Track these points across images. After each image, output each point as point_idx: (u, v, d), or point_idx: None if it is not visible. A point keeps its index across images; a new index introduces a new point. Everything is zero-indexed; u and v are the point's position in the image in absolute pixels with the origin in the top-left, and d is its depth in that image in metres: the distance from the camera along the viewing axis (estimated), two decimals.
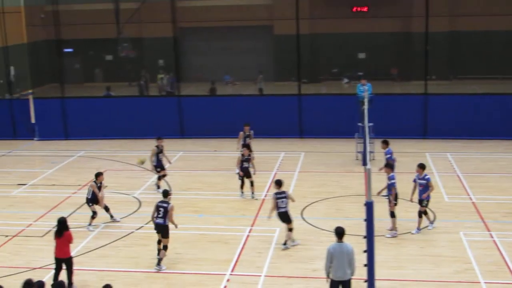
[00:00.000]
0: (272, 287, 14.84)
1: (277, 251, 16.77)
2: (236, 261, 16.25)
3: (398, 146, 27.08)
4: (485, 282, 14.77)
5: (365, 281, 13.70)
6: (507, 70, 40.22)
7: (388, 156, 20.70)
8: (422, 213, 17.74)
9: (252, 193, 21.17)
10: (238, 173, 21.18)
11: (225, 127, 29.53)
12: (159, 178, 22.05)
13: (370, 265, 13.53)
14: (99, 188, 18.63)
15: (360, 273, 14.67)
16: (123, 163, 26.10)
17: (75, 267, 14.78)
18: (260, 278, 15.29)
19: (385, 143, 21.11)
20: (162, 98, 34.64)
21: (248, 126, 24.46)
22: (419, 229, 17.77)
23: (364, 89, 25.32)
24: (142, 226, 18.73)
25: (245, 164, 21.18)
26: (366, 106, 22.08)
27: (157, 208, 15.77)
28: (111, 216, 19.11)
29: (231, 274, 15.52)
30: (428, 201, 17.76)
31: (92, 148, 28.76)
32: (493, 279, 14.92)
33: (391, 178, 17.55)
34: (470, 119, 28.52)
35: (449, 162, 25.05)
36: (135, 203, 20.93)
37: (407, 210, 19.26)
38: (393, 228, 17.58)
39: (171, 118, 30.21)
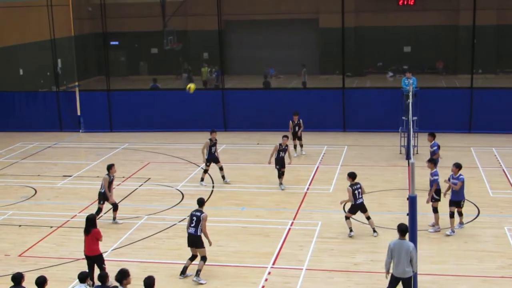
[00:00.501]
0: (313, 281, 14.82)
1: (319, 245, 16.74)
2: (278, 254, 16.27)
3: (443, 140, 26.66)
4: None
5: None
6: None
7: (435, 148, 20.46)
8: (453, 214, 17.17)
9: (280, 183, 21.33)
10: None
11: (269, 121, 29.60)
12: (205, 172, 22.07)
13: None
14: (112, 182, 18.36)
15: None
16: (167, 156, 26.34)
17: (118, 258, 14.92)
18: (302, 271, 15.28)
19: (432, 136, 20.84)
20: (206, 91, 34.80)
21: (297, 115, 24.90)
22: (461, 223, 17.48)
23: (409, 83, 25.06)
24: (185, 219, 18.85)
25: (282, 154, 21.23)
26: (410, 100, 21.87)
27: (191, 217, 14.99)
28: (114, 218, 18.62)
29: (272, 267, 15.54)
30: (463, 201, 17.18)
31: (136, 141, 29.09)
32: None
33: (434, 174, 17.30)
34: None
35: (494, 157, 24.66)
36: (178, 196, 21.11)
37: None
38: (436, 223, 17.37)
39: (215, 111, 30.35)
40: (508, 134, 27.83)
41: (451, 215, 17.07)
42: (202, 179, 22.04)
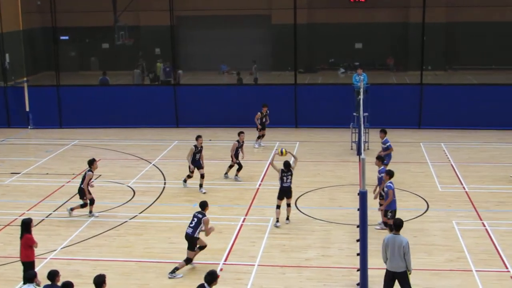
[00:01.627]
0: (265, 276, 14.85)
1: (271, 241, 16.79)
2: (230, 251, 16.26)
3: (393, 136, 27.03)
4: (477, 271, 14.82)
5: (358, 270, 13.82)
6: (502, 60, 40.25)
7: (388, 144, 20.68)
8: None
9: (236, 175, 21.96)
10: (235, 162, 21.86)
11: (221, 117, 29.60)
12: (189, 177, 21.16)
13: (363, 254, 13.60)
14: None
15: (353, 262, 14.77)
16: (118, 152, 26.07)
17: (67, 256, 14.69)
18: (254, 267, 15.31)
19: (383, 132, 21.07)
20: (158, 87, 34.56)
21: (266, 106, 25.60)
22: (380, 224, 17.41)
23: (360, 79, 25.31)
24: (136, 216, 18.73)
25: (239, 151, 21.96)
26: (361, 96, 22.10)
27: (193, 217, 15.16)
28: (90, 212, 18.58)
29: (224, 264, 15.54)
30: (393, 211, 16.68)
31: (86, 137, 28.69)
32: (484, 267, 14.99)
33: (381, 171, 17.42)
34: (465, 109, 28.65)
35: (443, 152, 25.09)
36: (129, 192, 20.92)
37: (401, 199, 19.32)
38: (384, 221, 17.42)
39: (167, 107, 30.17)
40: (456, 129, 28.39)
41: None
42: (185, 181, 21.38)
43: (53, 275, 11.95)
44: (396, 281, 12.95)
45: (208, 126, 29.50)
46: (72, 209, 18.58)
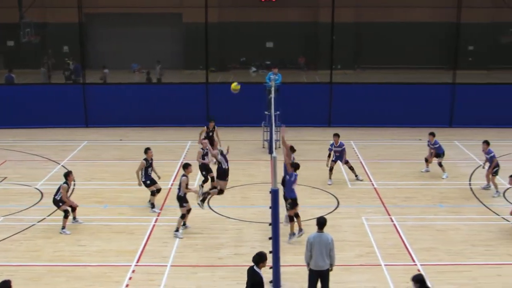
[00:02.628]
0: (177, 277, 14.74)
1: (183, 240, 16.68)
2: (142, 252, 16.05)
3: (304, 134, 27.60)
4: (385, 265, 15.21)
5: (271, 268, 13.91)
6: (408, 60, 41.50)
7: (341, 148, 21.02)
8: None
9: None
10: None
11: (131, 116, 29.22)
12: (153, 194, 18.92)
13: (275, 251, 13.72)
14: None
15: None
16: (24, 153, 25.29)
17: None
18: (166, 268, 15.17)
19: (337, 136, 21.46)
20: (66, 86, 33.72)
21: (213, 122, 23.20)
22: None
23: (273, 78, 25.44)
24: (44, 218, 18.21)
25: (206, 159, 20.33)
26: (272, 95, 22.25)
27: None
28: (74, 218, 17.80)
29: (136, 265, 15.32)
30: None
31: None
32: (393, 262, 15.39)
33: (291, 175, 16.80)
34: (373, 107, 29.35)
35: (352, 150, 25.59)
36: (37, 195, 20.31)
37: (312, 197, 19.64)
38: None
39: (75, 106, 29.51)
40: (365, 127, 29.07)
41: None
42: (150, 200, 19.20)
43: None
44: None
45: (119, 125, 29.07)
46: (74, 218, 17.81)
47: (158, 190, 18.97)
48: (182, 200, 16.99)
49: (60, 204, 17.42)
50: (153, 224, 17.84)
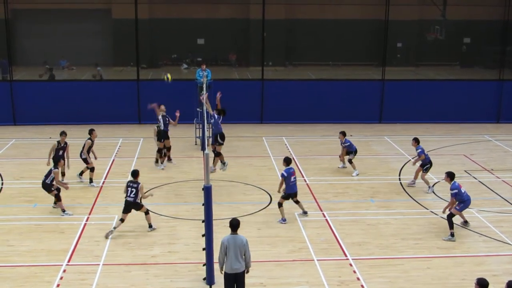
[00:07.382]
0: (110, 276, 14.57)
1: (116, 239, 16.50)
2: (73, 251, 15.80)
3: (236, 131, 27.67)
4: (318, 260, 15.40)
5: (204, 265, 13.94)
6: (338, 57, 42.06)
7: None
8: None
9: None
10: None
11: (61, 114, 28.71)
12: (92, 170, 20.75)
13: (208, 248, 13.75)
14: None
15: (199, 257, 14.85)
16: None
17: None
18: (98, 267, 14.98)
19: (342, 133, 22.16)
20: None
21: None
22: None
23: (203, 75, 25.43)
24: None
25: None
26: (204, 92, 22.24)
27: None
28: (64, 210, 18.11)
29: (67, 265, 15.07)
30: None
31: None
32: (325, 256, 15.61)
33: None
34: (304, 104, 29.73)
35: (284, 146, 25.84)
36: None
37: (245, 193, 19.73)
38: None
39: (3, 104, 28.79)
40: (296, 123, 29.40)
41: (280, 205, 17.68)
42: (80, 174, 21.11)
43: None
44: None
45: (47, 123, 28.52)
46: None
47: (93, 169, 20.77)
48: (138, 205, 17.02)
49: (52, 189, 17.87)
50: (84, 223, 17.59)
